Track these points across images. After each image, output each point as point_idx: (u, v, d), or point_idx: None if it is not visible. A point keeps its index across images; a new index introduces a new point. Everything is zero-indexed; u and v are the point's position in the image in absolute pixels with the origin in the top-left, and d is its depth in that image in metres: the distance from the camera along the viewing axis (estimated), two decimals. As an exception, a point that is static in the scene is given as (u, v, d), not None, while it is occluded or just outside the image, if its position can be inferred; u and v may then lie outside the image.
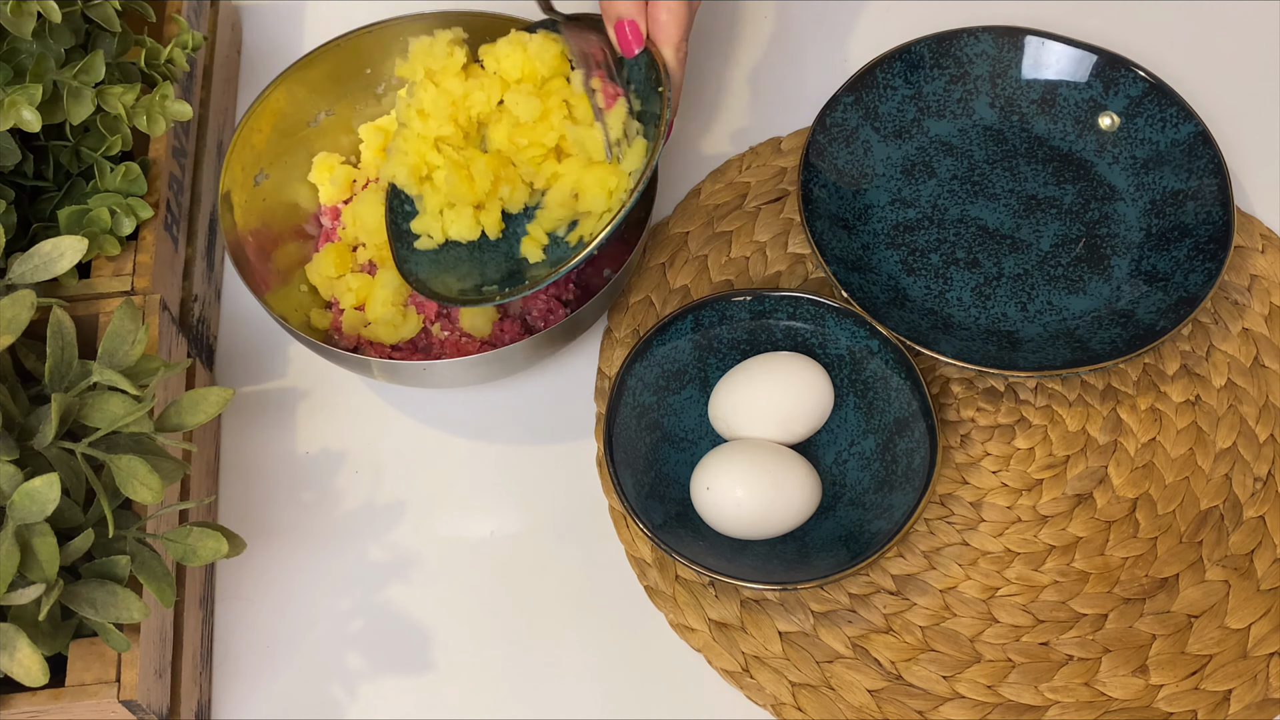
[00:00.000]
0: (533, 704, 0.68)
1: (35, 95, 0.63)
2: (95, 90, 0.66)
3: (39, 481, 0.53)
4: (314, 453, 0.76)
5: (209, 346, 0.78)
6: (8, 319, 0.58)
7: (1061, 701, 0.67)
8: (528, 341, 0.69)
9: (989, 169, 0.82)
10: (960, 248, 0.79)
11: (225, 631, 0.70)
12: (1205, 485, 0.73)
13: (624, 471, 0.69)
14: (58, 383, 0.59)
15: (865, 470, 0.71)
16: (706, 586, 0.70)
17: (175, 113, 0.68)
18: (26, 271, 0.62)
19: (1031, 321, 0.77)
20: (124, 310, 0.60)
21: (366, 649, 0.70)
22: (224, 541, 0.58)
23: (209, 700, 0.68)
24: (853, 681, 0.68)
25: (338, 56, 0.80)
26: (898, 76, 0.83)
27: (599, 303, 0.71)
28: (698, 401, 0.74)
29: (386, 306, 0.74)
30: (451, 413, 0.77)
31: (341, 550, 0.73)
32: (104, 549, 0.58)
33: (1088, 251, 0.79)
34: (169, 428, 0.59)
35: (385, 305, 0.74)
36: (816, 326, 0.74)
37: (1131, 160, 0.81)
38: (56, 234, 0.66)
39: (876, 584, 0.70)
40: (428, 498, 0.74)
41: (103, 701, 0.57)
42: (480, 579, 0.72)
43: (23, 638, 0.54)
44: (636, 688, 0.68)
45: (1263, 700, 0.66)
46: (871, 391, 0.73)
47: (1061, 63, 0.83)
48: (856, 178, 0.81)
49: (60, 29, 0.66)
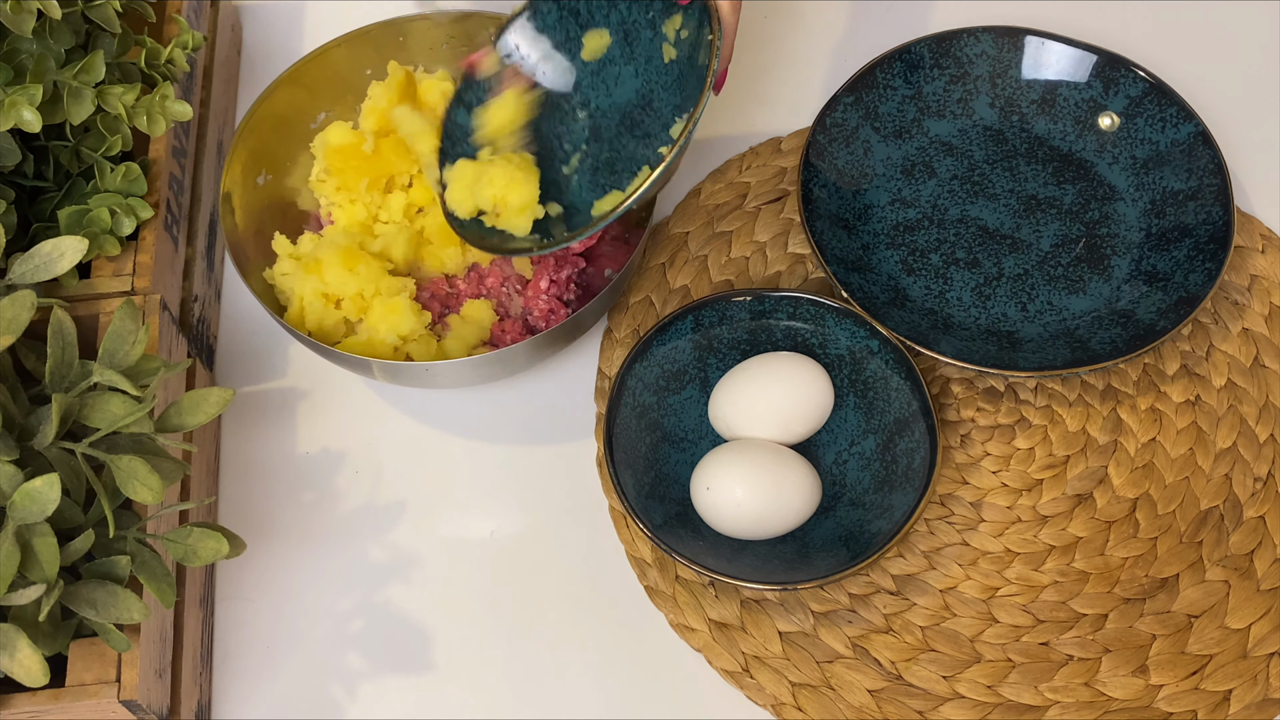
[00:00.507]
0: (533, 704, 0.68)
1: (35, 95, 0.63)
2: (95, 90, 0.66)
3: (39, 482, 0.53)
4: (314, 453, 0.76)
5: (209, 346, 0.78)
6: (8, 319, 0.58)
7: (1061, 701, 0.67)
8: (529, 342, 0.69)
9: (989, 169, 0.82)
10: (960, 248, 0.79)
11: (225, 631, 0.70)
12: (1205, 485, 0.73)
13: (624, 471, 0.69)
14: (58, 383, 0.59)
15: (865, 470, 0.71)
16: (706, 586, 0.70)
17: (175, 113, 0.68)
18: (27, 271, 0.62)
19: (1031, 321, 0.77)
20: (124, 310, 0.60)
21: (366, 649, 0.70)
22: (224, 542, 0.58)
23: (209, 700, 0.68)
24: (853, 681, 0.68)
25: (338, 57, 0.80)
26: (898, 76, 0.83)
27: (600, 303, 0.71)
28: (698, 401, 0.74)
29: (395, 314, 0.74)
30: (452, 413, 0.77)
31: (341, 550, 0.73)
32: (104, 549, 0.58)
33: (1088, 251, 0.79)
34: (169, 428, 0.59)
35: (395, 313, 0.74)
36: (816, 326, 0.74)
37: (1131, 160, 0.81)
38: (56, 234, 0.66)
39: (876, 584, 0.70)
40: (428, 498, 0.74)
41: (103, 701, 0.57)
42: (480, 579, 0.72)
43: (23, 638, 0.54)
44: (636, 688, 0.68)
45: (1263, 700, 0.66)
46: (871, 391, 0.73)
47: (1061, 63, 0.83)
48: (856, 178, 0.81)
49: (60, 29, 0.66)
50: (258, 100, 0.77)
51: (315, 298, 0.73)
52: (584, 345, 0.79)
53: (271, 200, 0.79)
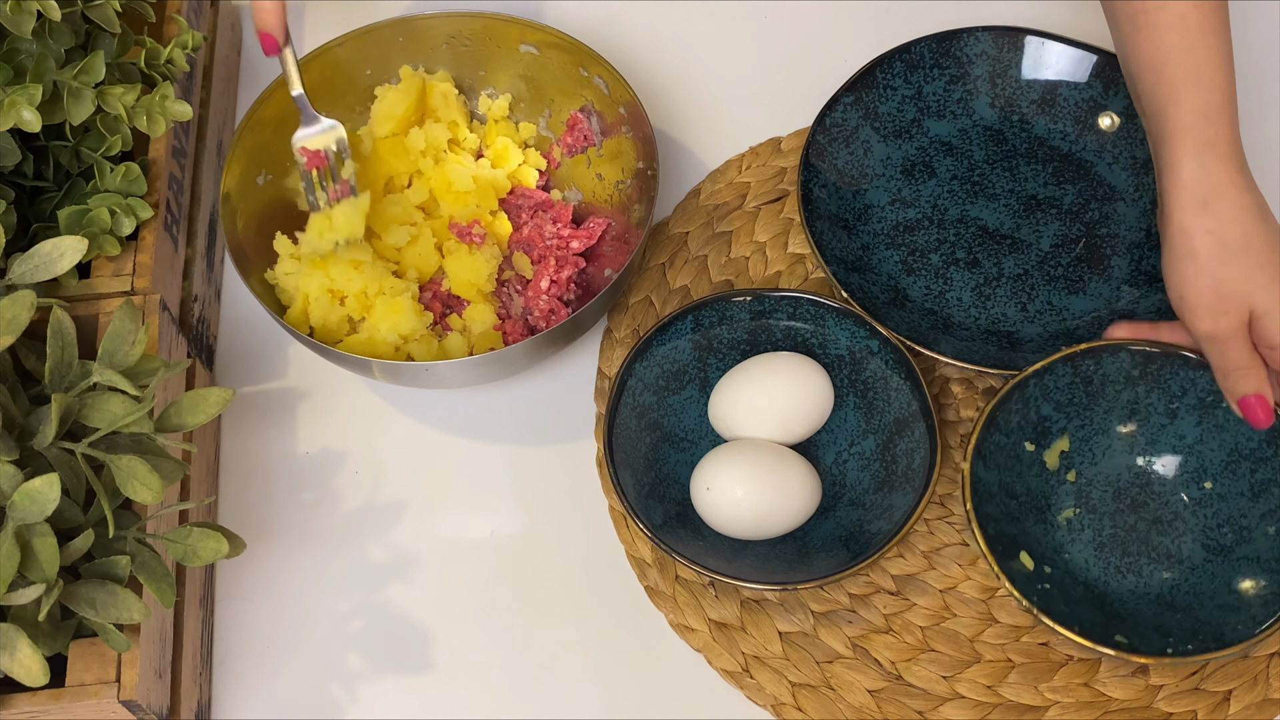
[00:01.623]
0: (533, 704, 0.68)
1: (35, 95, 0.63)
2: (96, 90, 0.66)
3: (39, 482, 0.53)
4: (314, 453, 0.76)
5: (209, 346, 0.78)
6: (8, 319, 0.58)
7: (1061, 701, 0.67)
8: (529, 342, 0.69)
9: (989, 169, 0.82)
10: (960, 248, 0.79)
11: (225, 631, 0.70)
12: (1205, 485, 0.73)
13: (624, 471, 0.69)
14: (58, 383, 0.59)
15: (865, 470, 0.71)
16: (706, 586, 0.70)
17: (175, 113, 0.68)
18: (27, 271, 0.62)
19: (1031, 321, 0.77)
20: (124, 310, 0.60)
21: (366, 649, 0.70)
22: (224, 541, 0.58)
23: (209, 700, 0.68)
24: (853, 681, 0.68)
25: (338, 57, 0.80)
26: (898, 76, 0.83)
27: (600, 303, 0.71)
28: (698, 401, 0.74)
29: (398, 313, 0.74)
30: (452, 413, 0.77)
31: (341, 550, 0.73)
32: (104, 549, 0.58)
33: (1088, 251, 0.79)
34: (169, 428, 0.59)
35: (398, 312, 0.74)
36: (816, 326, 0.74)
37: (1131, 160, 0.81)
38: (56, 234, 0.66)
39: (876, 584, 0.70)
40: (428, 498, 0.74)
41: (103, 701, 0.57)
42: (480, 579, 0.72)
43: (23, 638, 0.54)
44: (636, 688, 0.68)
45: (1263, 700, 0.66)
46: (871, 392, 0.73)
47: (1061, 63, 0.83)
48: (856, 178, 0.81)
49: (60, 29, 0.66)
50: (257, 100, 0.77)
51: (321, 293, 0.73)
52: (584, 345, 0.79)
53: (271, 200, 0.79)
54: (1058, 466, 0.70)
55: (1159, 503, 0.70)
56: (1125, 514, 0.70)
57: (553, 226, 0.78)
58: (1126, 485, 0.70)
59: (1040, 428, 0.70)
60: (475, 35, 0.81)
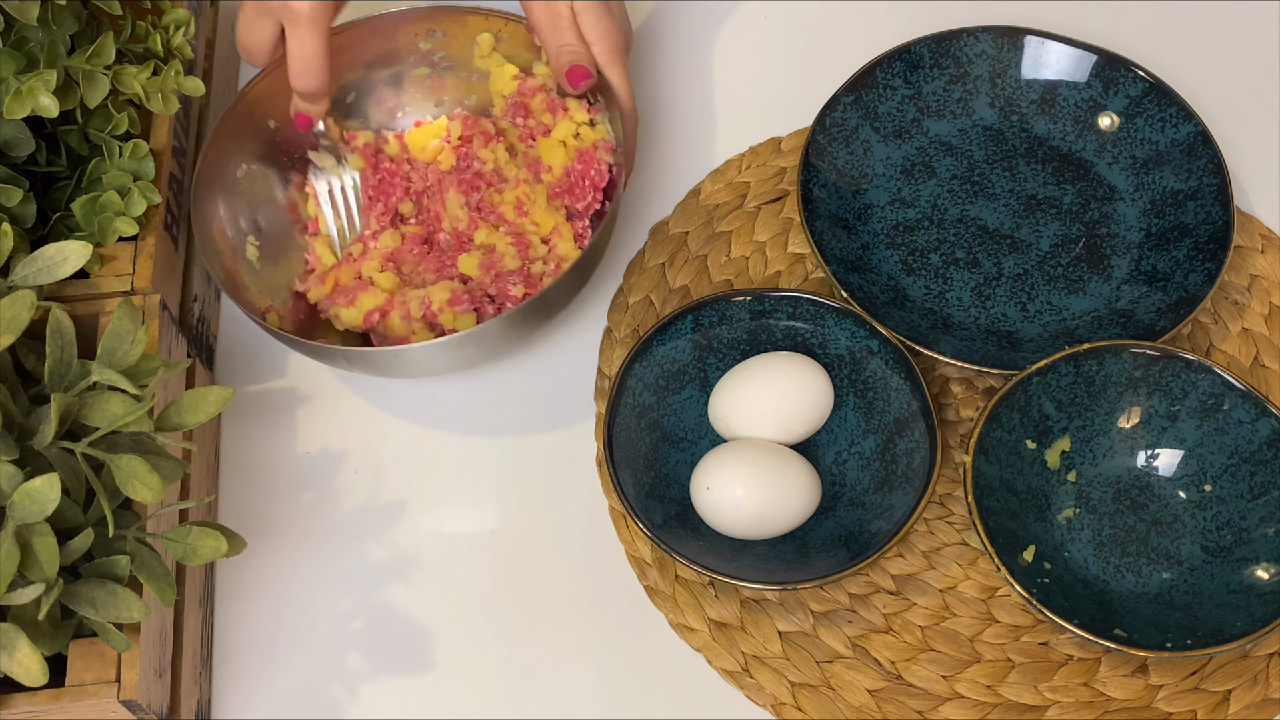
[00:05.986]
0: (533, 704, 0.68)
1: (51, 81, 0.63)
2: (110, 71, 0.66)
3: (39, 481, 0.53)
4: (314, 453, 0.76)
5: (209, 346, 0.78)
6: (8, 319, 0.58)
7: (1061, 701, 0.67)
8: (497, 321, 0.68)
9: (989, 169, 0.82)
10: (960, 248, 0.79)
11: (225, 631, 0.70)
12: (1205, 485, 0.73)
13: (624, 471, 0.69)
14: (57, 383, 0.59)
15: (865, 470, 0.71)
16: (706, 586, 0.70)
17: (188, 88, 0.69)
18: (30, 274, 0.62)
19: (1031, 321, 0.77)
20: (124, 310, 0.60)
21: (366, 649, 0.70)
22: (224, 541, 0.58)
23: (209, 700, 0.68)
24: (853, 681, 0.68)
25: (336, 53, 0.80)
26: (897, 76, 0.83)
27: (567, 282, 0.70)
28: (698, 401, 0.74)
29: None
30: (452, 413, 0.77)
31: (341, 550, 0.73)
32: (104, 549, 0.58)
33: (1088, 251, 0.79)
34: (169, 427, 0.59)
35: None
36: (816, 326, 0.74)
37: (1131, 160, 0.81)
38: (74, 222, 0.66)
39: (876, 584, 0.70)
40: (428, 498, 0.74)
41: (103, 701, 0.57)
42: (480, 579, 0.72)
43: (23, 638, 0.54)
44: (636, 687, 0.68)
45: (1263, 700, 0.66)
46: (871, 391, 0.73)
47: (1061, 63, 0.83)
48: (856, 178, 0.81)
49: (64, 15, 0.67)
50: (237, 99, 0.77)
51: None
52: (582, 344, 0.79)
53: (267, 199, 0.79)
54: (1058, 466, 0.71)
55: (1159, 504, 0.70)
56: (1125, 515, 0.70)
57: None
58: (1127, 486, 0.70)
59: (1042, 426, 0.70)
60: (467, 32, 0.81)
